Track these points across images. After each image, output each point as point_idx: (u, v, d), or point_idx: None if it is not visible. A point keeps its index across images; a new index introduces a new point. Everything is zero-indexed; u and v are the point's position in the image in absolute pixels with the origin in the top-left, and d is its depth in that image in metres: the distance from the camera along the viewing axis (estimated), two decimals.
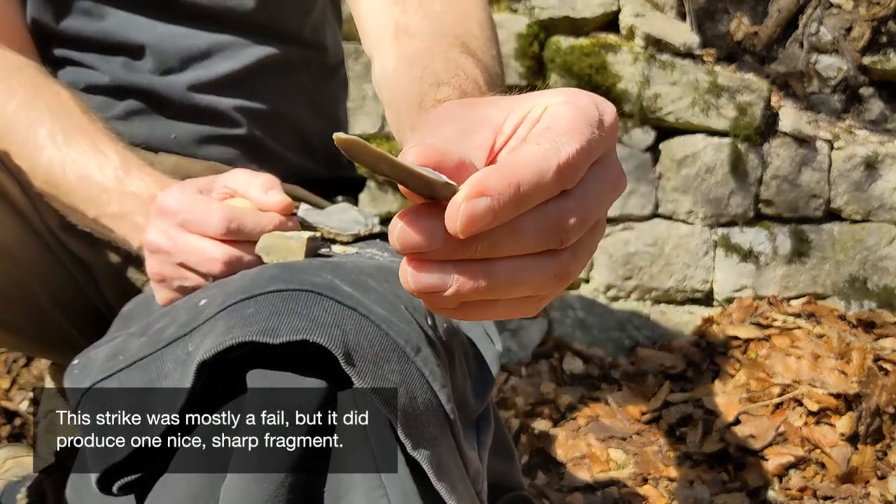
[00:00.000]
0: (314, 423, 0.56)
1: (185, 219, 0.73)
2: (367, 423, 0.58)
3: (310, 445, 0.56)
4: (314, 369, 0.58)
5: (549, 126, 0.42)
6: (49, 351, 1.12)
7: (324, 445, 0.57)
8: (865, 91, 2.60)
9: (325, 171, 1.17)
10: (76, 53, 1.03)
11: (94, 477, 0.59)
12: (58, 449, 1.30)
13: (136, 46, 1.02)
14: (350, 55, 2.05)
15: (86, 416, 0.61)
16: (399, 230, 0.40)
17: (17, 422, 1.77)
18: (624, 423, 1.92)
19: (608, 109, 0.45)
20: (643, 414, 1.95)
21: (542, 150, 0.40)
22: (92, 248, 0.98)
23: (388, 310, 0.61)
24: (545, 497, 1.66)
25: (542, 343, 2.14)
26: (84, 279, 1.00)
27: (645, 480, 1.75)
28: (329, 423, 0.58)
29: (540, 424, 1.86)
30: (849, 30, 2.55)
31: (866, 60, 2.57)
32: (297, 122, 1.11)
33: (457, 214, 0.39)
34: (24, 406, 1.79)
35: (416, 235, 0.40)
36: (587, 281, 2.20)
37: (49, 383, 1.58)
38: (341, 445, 0.57)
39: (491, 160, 0.44)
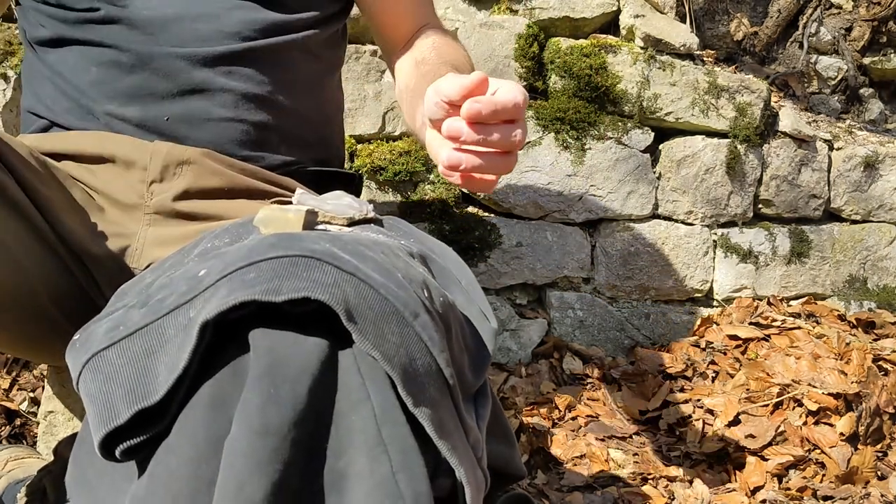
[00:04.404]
0: (316, 380, 0.57)
1: None
2: (367, 381, 0.58)
3: (312, 402, 0.57)
4: (315, 331, 0.59)
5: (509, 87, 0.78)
6: (50, 354, 1.12)
7: (325, 402, 0.58)
8: (865, 91, 2.60)
9: (318, 164, 1.19)
10: (86, 33, 1.06)
11: (96, 441, 0.59)
12: (55, 447, 1.30)
13: (144, 21, 1.05)
14: (350, 55, 2.05)
15: (88, 386, 0.61)
16: (446, 129, 0.78)
17: (18, 422, 1.77)
18: (624, 423, 1.92)
19: (524, 90, 0.79)
20: (643, 414, 1.95)
21: (507, 92, 0.77)
22: (91, 237, 0.98)
23: (385, 277, 0.62)
24: (545, 497, 1.66)
25: (542, 343, 2.14)
26: (83, 276, 1.01)
27: (645, 480, 1.75)
28: (330, 380, 0.58)
29: (540, 424, 1.87)
30: (849, 30, 2.55)
31: (866, 60, 2.57)
32: (291, 111, 1.13)
33: (466, 108, 0.75)
34: (24, 406, 1.79)
35: (453, 130, 0.77)
36: (587, 281, 2.20)
37: (49, 385, 1.58)
38: (342, 403, 0.58)
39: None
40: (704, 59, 2.32)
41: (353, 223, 0.81)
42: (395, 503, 0.55)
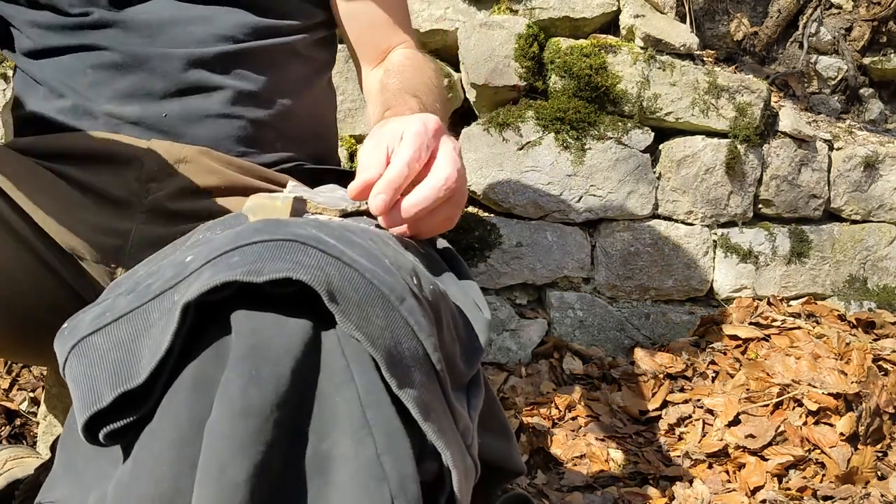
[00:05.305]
0: (298, 361, 0.57)
1: None
2: (352, 363, 0.58)
3: (294, 383, 0.57)
4: (299, 314, 0.59)
5: (401, 139, 0.79)
6: (49, 359, 1.12)
7: (308, 384, 0.58)
8: (865, 91, 2.60)
9: (314, 160, 1.20)
10: (80, 38, 1.06)
11: (80, 424, 0.59)
12: (52, 444, 1.30)
13: (139, 23, 1.06)
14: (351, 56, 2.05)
15: (73, 370, 0.61)
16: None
17: (18, 422, 1.77)
18: (624, 423, 1.92)
19: (430, 119, 0.81)
20: (643, 414, 1.95)
21: (396, 160, 0.77)
22: (84, 237, 0.99)
23: (372, 262, 0.62)
24: (545, 497, 1.65)
25: (541, 343, 2.14)
26: (78, 279, 1.01)
27: (645, 480, 1.74)
28: (313, 362, 0.58)
29: (540, 424, 1.86)
30: (849, 30, 2.55)
31: (866, 60, 2.57)
32: (285, 108, 1.15)
33: (375, 203, 0.76)
34: (24, 406, 1.79)
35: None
36: (587, 281, 2.20)
37: (49, 386, 1.58)
38: (326, 384, 0.58)
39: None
40: (704, 59, 2.32)
41: (345, 215, 0.81)
42: (379, 485, 0.55)
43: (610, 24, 2.25)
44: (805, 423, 1.81)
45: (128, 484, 0.56)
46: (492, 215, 2.14)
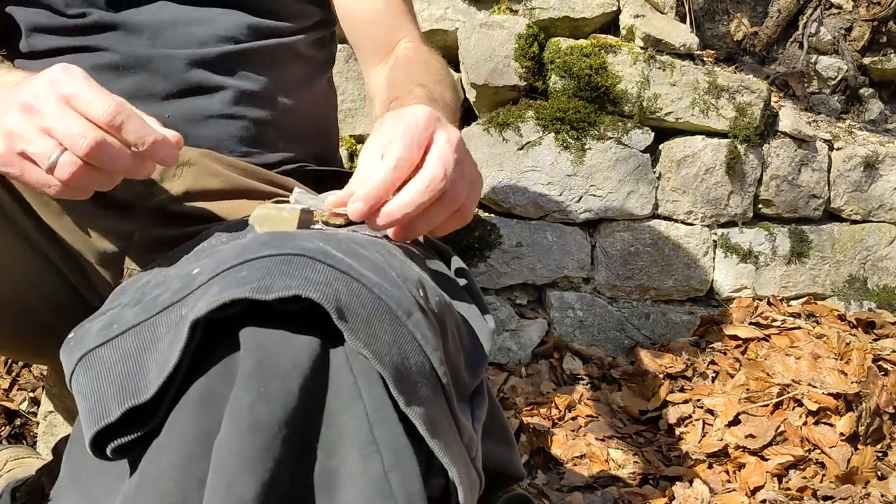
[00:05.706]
0: (307, 378, 0.57)
1: (73, 93, 0.70)
2: (359, 379, 0.58)
3: (302, 400, 0.57)
4: (307, 330, 0.59)
5: (390, 139, 0.75)
6: (49, 358, 1.12)
7: (316, 401, 0.58)
8: (865, 91, 2.60)
9: (316, 160, 1.20)
10: (78, 39, 1.06)
11: (87, 439, 0.59)
12: (54, 445, 1.30)
13: (139, 25, 1.06)
14: (350, 56, 2.05)
15: (80, 383, 0.61)
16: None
17: (18, 422, 1.77)
18: (624, 423, 1.92)
19: (421, 111, 0.77)
20: (643, 414, 1.95)
21: (383, 164, 0.74)
22: (88, 239, 0.99)
23: (379, 276, 0.62)
24: (545, 497, 1.66)
25: (542, 343, 2.14)
26: (80, 280, 1.01)
27: (645, 480, 1.74)
28: (322, 379, 0.58)
29: (540, 424, 1.87)
30: (849, 30, 2.55)
31: (866, 60, 2.57)
32: (286, 108, 1.15)
33: (352, 211, 0.74)
34: (24, 406, 1.79)
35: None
36: (587, 281, 2.20)
37: (49, 385, 1.58)
38: (334, 401, 0.58)
39: None
40: (704, 59, 2.32)
41: (350, 222, 0.81)
42: (386, 502, 0.55)
43: (610, 24, 2.25)
44: (805, 423, 1.81)
45: (133, 497, 0.56)
46: (492, 215, 2.14)
